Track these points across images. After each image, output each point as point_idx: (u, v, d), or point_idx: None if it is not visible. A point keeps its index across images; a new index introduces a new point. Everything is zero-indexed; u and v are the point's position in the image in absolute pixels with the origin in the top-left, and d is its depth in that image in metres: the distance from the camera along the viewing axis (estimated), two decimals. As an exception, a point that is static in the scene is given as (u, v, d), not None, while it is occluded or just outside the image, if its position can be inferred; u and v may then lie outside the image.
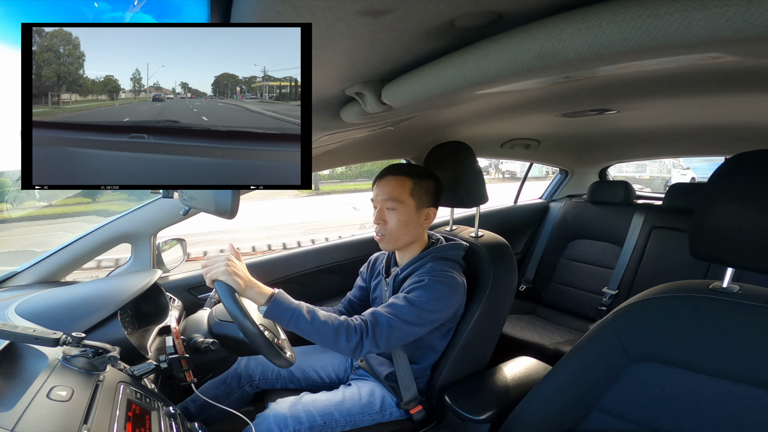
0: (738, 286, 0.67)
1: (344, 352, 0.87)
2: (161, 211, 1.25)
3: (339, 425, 0.99)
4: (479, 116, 1.27)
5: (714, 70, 0.73)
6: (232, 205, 0.62)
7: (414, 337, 0.93)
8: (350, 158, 1.56)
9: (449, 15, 0.41)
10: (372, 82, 0.63)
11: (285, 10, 0.37)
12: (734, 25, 0.28)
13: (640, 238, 1.84)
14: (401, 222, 1.01)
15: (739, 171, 0.63)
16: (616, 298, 1.83)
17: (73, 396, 0.55)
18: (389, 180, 1.02)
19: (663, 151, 2.14)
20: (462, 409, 0.97)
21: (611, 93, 0.99)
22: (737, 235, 0.61)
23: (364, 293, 1.23)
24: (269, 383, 1.17)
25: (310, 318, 0.83)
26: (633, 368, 0.72)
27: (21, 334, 0.59)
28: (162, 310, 1.03)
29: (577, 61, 0.38)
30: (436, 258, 1.01)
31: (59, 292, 0.93)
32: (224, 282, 0.78)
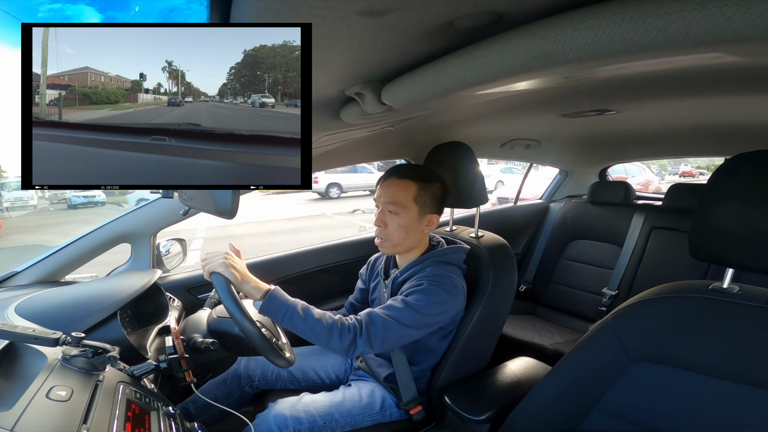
0: (738, 286, 0.66)
1: (337, 350, 0.86)
2: (161, 211, 1.25)
3: (339, 425, 0.99)
4: (479, 116, 1.27)
5: (714, 70, 0.73)
6: (232, 205, 0.62)
7: (410, 339, 0.93)
8: (350, 158, 1.56)
9: (449, 15, 0.41)
10: (372, 82, 0.63)
11: (285, 10, 0.37)
12: (734, 25, 0.28)
13: (639, 239, 1.84)
14: (402, 227, 1.00)
15: (739, 171, 0.63)
16: (615, 299, 1.83)
17: (72, 396, 0.55)
18: (394, 182, 1.00)
19: (663, 152, 2.14)
20: (462, 409, 0.97)
21: (611, 93, 0.99)
22: (737, 235, 0.61)
23: (365, 295, 1.23)
24: (269, 384, 1.17)
25: (304, 315, 0.83)
26: (633, 368, 0.72)
27: (21, 334, 0.59)
28: (162, 310, 1.03)
29: (577, 61, 0.38)
30: (437, 262, 1.01)
31: (59, 292, 0.93)
32: (221, 274, 0.78)
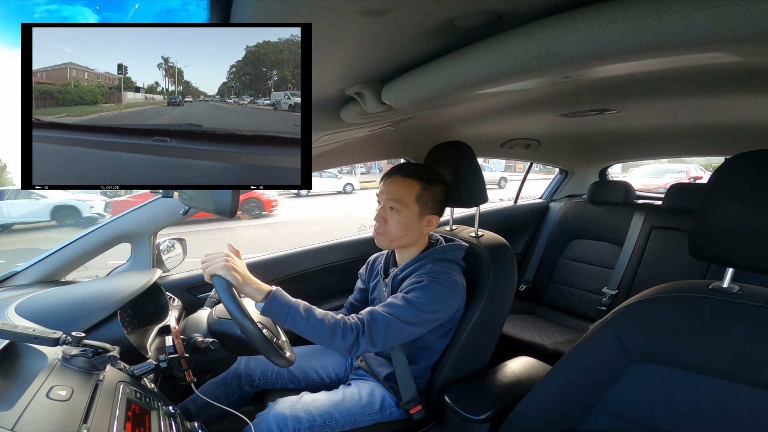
0: (738, 286, 0.66)
1: (340, 350, 0.86)
2: (161, 210, 1.25)
3: (339, 425, 0.99)
4: (479, 116, 1.27)
5: (714, 70, 0.73)
6: (232, 204, 0.62)
7: (411, 337, 0.93)
8: (350, 158, 1.56)
9: (449, 15, 0.41)
10: (372, 82, 0.63)
11: (285, 10, 0.37)
12: (734, 25, 0.28)
13: (640, 238, 1.84)
14: (402, 224, 1.00)
15: (739, 171, 0.63)
16: (616, 298, 1.83)
17: (72, 395, 0.55)
18: (397, 180, 1.01)
19: (663, 151, 2.14)
20: (462, 408, 0.97)
21: (611, 93, 0.99)
22: (737, 235, 0.61)
23: (364, 295, 1.23)
24: (269, 383, 1.17)
25: (306, 315, 0.83)
26: (633, 368, 0.72)
27: (21, 334, 0.59)
28: (162, 310, 1.03)
29: (577, 61, 0.38)
30: (436, 259, 1.01)
31: (59, 291, 0.93)
32: (222, 277, 0.78)
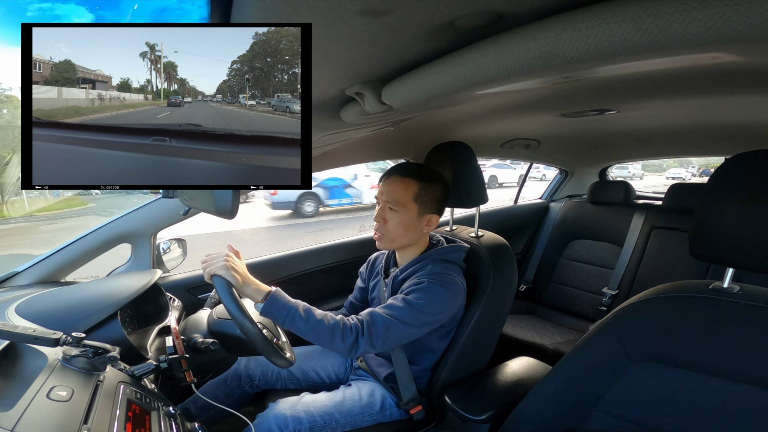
0: (738, 286, 0.66)
1: (339, 351, 0.86)
2: (161, 211, 1.25)
3: (339, 425, 0.99)
4: (479, 116, 1.27)
5: (714, 70, 0.73)
6: (233, 205, 0.62)
7: (411, 338, 0.93)
8: (350, 158, 1.56)
9: (449, 15, 0.41)
10: (372, 82, 0.63)
11: (285, 10, 0.37)
12: (734, 25, 0.28)
13: (640, 238, 1.84)
14: (401, 225, 1.00)
15: (739, 171, 0.63)
16: (616, 298, 1.83)
17: (73, 396, 0.55)
18: (396, 180, 1.01)
19: (663, 151, 2.14)
20: (462, 409, 0.97)
21: (611, 93, 0.99)
22: (737, 235, 0.61)
23: (364, 294, 1.23)
24: (269, 383, 1.17)
25: (305, 316, 0.83)
26: (633, 368, 0.72)
27: (21, 334, 0.59)
28: (162, 310, 1.03)
29: (577, 61, 0.38)
30: (437, 260, 1.01)
31: (59, 292, 0.93)
32: (222, 277, 0.78)
